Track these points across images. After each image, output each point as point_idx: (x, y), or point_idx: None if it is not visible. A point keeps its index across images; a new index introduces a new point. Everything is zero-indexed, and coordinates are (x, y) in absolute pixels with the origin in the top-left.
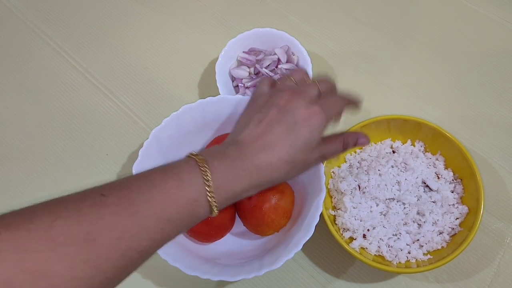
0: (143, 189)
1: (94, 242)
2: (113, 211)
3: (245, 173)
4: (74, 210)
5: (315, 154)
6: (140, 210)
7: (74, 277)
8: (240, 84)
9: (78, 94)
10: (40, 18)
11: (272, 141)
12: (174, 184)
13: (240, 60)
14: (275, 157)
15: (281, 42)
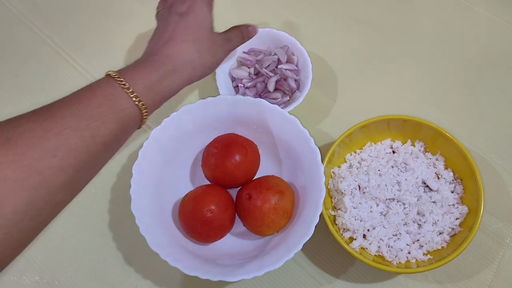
0: (57, 101)
1: (16, 145)
2: (28, 120)
3: (156, 63)
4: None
5: (219, 35)
6: (56, 113)
7: (5, 178)
8: (240, 84)
9: None
10: (40, 18)
11: (169, 35)
12: (85, 90)
13: (240, 60)
14: (179, 42)
15: (281, 42)
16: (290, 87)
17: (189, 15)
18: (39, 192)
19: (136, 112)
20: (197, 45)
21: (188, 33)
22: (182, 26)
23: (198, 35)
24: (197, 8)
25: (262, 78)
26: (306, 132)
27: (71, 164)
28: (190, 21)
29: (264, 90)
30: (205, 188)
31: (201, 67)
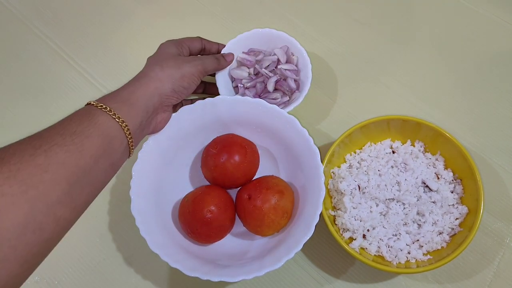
0: (42, 130)
1: (8, 162)
2: (18, 143)
3: (124, 85)
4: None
5: (185, 56)
6: (43, 134)
7: (4, 193)
8: (239, 85)
9: (77, 94)
10: (40, 19)
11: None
12: (68, 116)
13: (240, 60)
14: (144, 67)
15: (281, 42)
16: (290, 87)
17: (156, 52)
18: (37, 205)
19: (116, 127)
20: (159, 63)
21: (152, 59)
22: (150, 59)
23: (160, 57)
24: (162, 45)
25: (262, 78)
26: (305, 131)
27: (63, 178)
28: (156, 54)
29: (264, 90)
30: (204, 188)
31: (168, 78)
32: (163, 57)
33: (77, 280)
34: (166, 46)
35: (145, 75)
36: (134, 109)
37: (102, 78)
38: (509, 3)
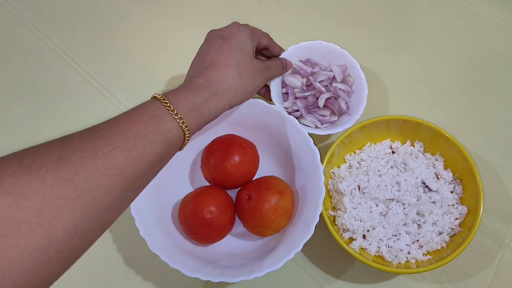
0: (106, 122)
1: (68, 164)
2: (79, 140)
3: (199, 86)
4: (43, 145)
5: (259, 62)
6: (105, 133)
7: (59, 196)
8: (289, 91)
9: (78, 95)
10: (41, 20)
11: (211, 59)
12: (135, 110)
13: (296, 68)
14: (221, 66)
15: (341, 60)
16: (340, 108)
17: (231, 39)
18: (88, 210)
19: (180, 134)
20: (238, 69)
21: (230, 57)
22: (224, 50)
23: (239, 59)
24: (239, 33)
25: (314, 91)
26: (304, 131)
27: (118, 184)
28: (232, 45)
29: (314, 104)
30: (204, 189)
31: (242, 91)
32: (242, 60)
33: (77, 282)
34: (243, 35)
35: (225, 84)
36: (202, 118)
37: (102, 79)
38: (509, 4)
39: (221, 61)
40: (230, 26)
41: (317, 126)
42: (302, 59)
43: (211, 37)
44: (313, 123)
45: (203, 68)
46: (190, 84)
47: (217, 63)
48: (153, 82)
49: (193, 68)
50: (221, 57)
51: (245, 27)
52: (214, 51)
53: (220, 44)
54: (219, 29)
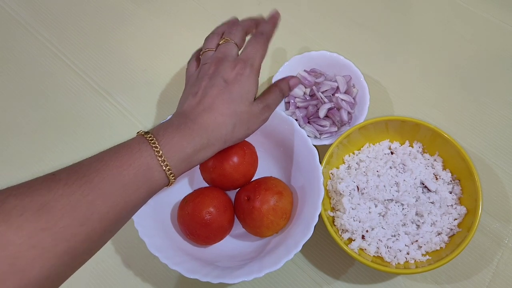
0: (93, 163)
1: (49, 212)
2: (65, 183)
3: (193, 133)
4: (26, 187)
5: (258, 105)
6: (93, 179)
7: (35, 245)
8: (291, 101)
9: (77, 96)
10: (39, 21)
11: (210, 102)
12: (125, 153)
13: (299, 78)
14: (217, 114)
15: (345, 71)
16: (341, 119)
17: (235, 86)
18: (63, 258)
19: (165, 182)
20: (234, 120)
21: (228, 106)
22: (225, 97)
23: (237, 108)
24: (244, 79)
25: (316, 101)
26: (303, 132)
27: (97, 232)
28: (234, 93)
29: (314, 114)
30: (203, 190)
31: (232, 139)
32: (240, 109)
33: (76, 283)
34: (248, 83)
35: (217, 134)
36: (189, 167)
37: (101, 80)
38: (506, 4)
39: (219, 108)
40: (238, 68)
41: (316, 136)
42: (307, 69)
43: (211, 72)
44: (312, 133)
45: (200, 110)
46: (184, 127)
47: (215, 109)
48: (152, 83)
49: (189, 101)
50: (220, 104)
51: (252, 72)
52: (215, 95)
53: (222, 89)
54: (223, 63)
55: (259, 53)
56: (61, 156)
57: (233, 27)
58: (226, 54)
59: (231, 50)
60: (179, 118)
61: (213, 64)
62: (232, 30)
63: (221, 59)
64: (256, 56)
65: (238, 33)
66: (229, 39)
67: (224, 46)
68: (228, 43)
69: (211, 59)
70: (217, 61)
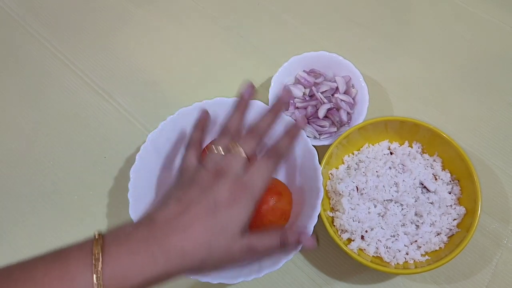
0: (20, 282)
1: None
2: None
3: (150, 261)
4: None
5: (241, 243)
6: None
7: None
8: (291, 101)
9: (76, 96)
10: (38, 21)
11: (187, 221)
12: (57, 275)
13: (298, 78)
14: (189, 242)
15: (345, 71)
16: (341, 119)
17: (223, 212)
18: None
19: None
20: (205, 255)
21: (206, 236)
22: (207, 223)
23: (215, 242)
24: (236, 206)
25: (315, 102)
26: (303, 133)
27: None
28: (219, 222)
29: (314, 114)
30: None
31: (191, 273)
32: (220, 243)
33: None
34: (238, 211)
35: (183, 267)
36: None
37: (100, 80)
38: (505, 5)
39: (195, 234)
40: (235, 192)
41: (315, 136)
42: (306, 69)
43: (207, 191)
44: (312, 134)
45: (173, 226)
46: (145, 248)
47: (190, 233)
48: (150, 83)
49: (169, 208)
50: (198, 229)
51: (249, 201)
52: (198, 215)
53: (208, 211)
54: (220, 180)
55: (265, 178)
56: (60, 156)
57: (251, 132)
58: (230, 168)
59: (236, 164)
60: (145, 231)
61: (213, 174)
62: (247, 137)
63: (223, 172)
64: (260, 183)
65: (252, 144)
66: (240, 148)
67: (232, 157)
68: (238, 156)
69: (213, 166)
70: (217, 173)
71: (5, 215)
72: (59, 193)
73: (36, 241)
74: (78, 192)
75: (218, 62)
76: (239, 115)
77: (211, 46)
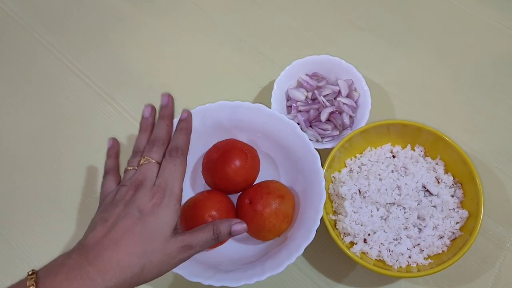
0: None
1: None
2: None
3: (87, 282)
4: None
5: (176, 243)
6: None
7: None
8: (293, 105)
9: (79, 100)
10: (43, 25)
11: (117, 235)
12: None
13: (301, 81)
14: (123, 253)
15: (347, 75)
16: (343, 122)
17: (150, 218)
18: None
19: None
20: (143, 260)
21: (139, 244)
22: (137, 232)
23: (149, 246)
24: (161, 210)
25: (318, 105)
26: (305, 136)
27: None
28: (147, 227)
29: (316, 118)
30: (205, 194)
31: (139, 282)
32: (153, 247)
33: None
34: (166, 214)
35: (119, 274)
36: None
37: (104, 84)
38: (506, 8)
39: (127, 245)
40: (155, 197)
41: (318, 140)
42: (309, 73)
43: (130, 203)
44: (314, 137)
45: (105, 245)
46: (78, 273)
47: (122, 247)
48: (154, 86)
49: (96, 230)
50: (129, 240)
51: (171, 201)
52: (126, 227)
53: (135, 221)
54: (141, 191)
55: (178, 175)
56: (63, 159)
57: (154, 143)
58: (146, 177)
59: (151, 171)
60: (78, 256)
61: (131, 188)
62: (153, 148)
63: (140, 183)
64: (175, 181)
65: (160, 150)
66: (149, 158)
67: (145, 167)
68: (149, 163)
69: (130, 181)
70: (136, 185)
71: (8, 218)
72: (63, 196)
73: (40, 245)
74: (81, 194)
75: (221, 66)
76: (145, 134)
77: (214, 50)
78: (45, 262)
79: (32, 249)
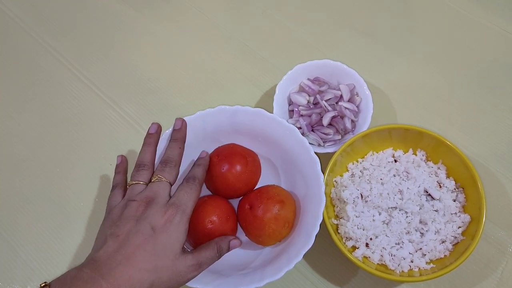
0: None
1: None
2: None
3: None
4: None
5: (187, 261)
6: None
7: None
8: (295, 109)
9: (82, 104)
10: (46, 30)
11: (129, 251)
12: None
13: (303, 86)
14: (135, 269)
15: (349, 79)
16: (345, 127)
17: (162, 235)
18: None
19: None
20: (153, 277)
21: (150, 260)
22: (148, 249)
23: (160, 263)
24: (173, 227)
25: (319, 110)
26: (305, 141)
27: None
28: (159, 244)
29: (318, 122)
30: (206, 199)
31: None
32: (164, 264)
33: None
34: (176, 231)
35: (132, 285)
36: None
37: (106, 88)
38: (506, 12)
39: (139, 262)
40: (168, 213)
41: (319, 144)
42: (310, 78)
43: (142, 220)
44: (316, 141)
45: (117, 260)
46: (90, 286)
47: (133, 263)
48: (156, 91)
49: (107, 246)
50: (141, 257)
51: (182, 219)
52: (138, 243)
53: (147, 238)
54: (153, 207)
55: (192, 197)
56: (65, 163)
57: (167, 164)
58: (158, 195)
59: (164, 190)
60: (90, 270)
61: (142, 204)
62: (165, 168)
63: (152, 200)
64: (189, 202)
65: (172, 171)
66: (162, 176)
67: (157, 185)
68: (161, 182)
69: (140, 196)
70: (147, 201)
71: (11, 221)
72: (65, 199)
73: (41, 247)
74: (84, 199)
75: (223, 70)
76: (148, 148)
77: (216, 55)
78: (47, 266)
79: (34, 253)
